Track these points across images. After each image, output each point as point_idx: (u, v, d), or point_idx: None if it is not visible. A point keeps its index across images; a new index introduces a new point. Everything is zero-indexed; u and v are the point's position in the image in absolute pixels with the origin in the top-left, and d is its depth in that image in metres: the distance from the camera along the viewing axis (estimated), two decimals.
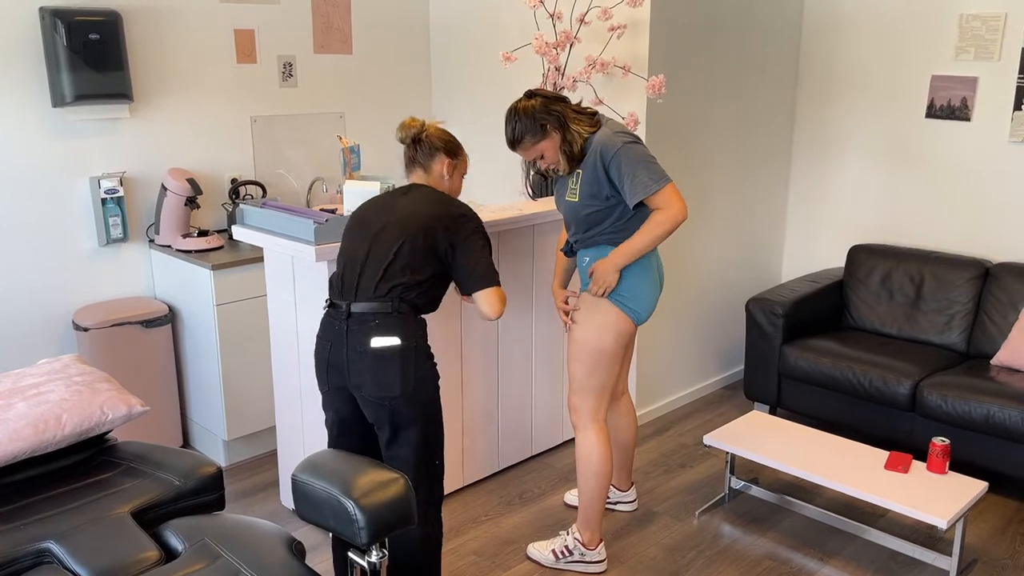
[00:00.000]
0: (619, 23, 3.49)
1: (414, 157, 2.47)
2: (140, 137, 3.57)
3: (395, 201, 2.41)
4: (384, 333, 2.27)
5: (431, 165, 2.46)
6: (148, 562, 1.80)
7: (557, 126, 2.59)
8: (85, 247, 3.50)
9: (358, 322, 2.29)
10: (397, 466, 2.35)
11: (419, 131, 2.45)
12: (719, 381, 4.45)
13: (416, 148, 2.46)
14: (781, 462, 3.00)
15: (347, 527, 1.73)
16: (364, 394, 2.30)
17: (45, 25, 3.20)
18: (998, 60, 3.74)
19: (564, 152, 2.60)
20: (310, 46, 4.06)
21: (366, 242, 2.36)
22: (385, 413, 2.30)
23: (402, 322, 2.29)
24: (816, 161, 4.43)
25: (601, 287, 2.63)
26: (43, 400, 2.10)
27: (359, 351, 2.28)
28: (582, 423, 2.79)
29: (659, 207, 2.54)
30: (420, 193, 2.41)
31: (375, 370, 2.27)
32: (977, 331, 3.73)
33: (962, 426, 3.29)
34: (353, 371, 2.30)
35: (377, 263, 2.31)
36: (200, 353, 3.51)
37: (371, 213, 2.42)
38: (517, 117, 2.59)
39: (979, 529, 3.15)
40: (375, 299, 2.29)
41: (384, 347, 2.26)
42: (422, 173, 2.47)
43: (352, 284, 2.34)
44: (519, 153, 2.66)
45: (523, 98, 2.63)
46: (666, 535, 3.10)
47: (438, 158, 2.45)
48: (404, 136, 2.46)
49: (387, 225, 2.35)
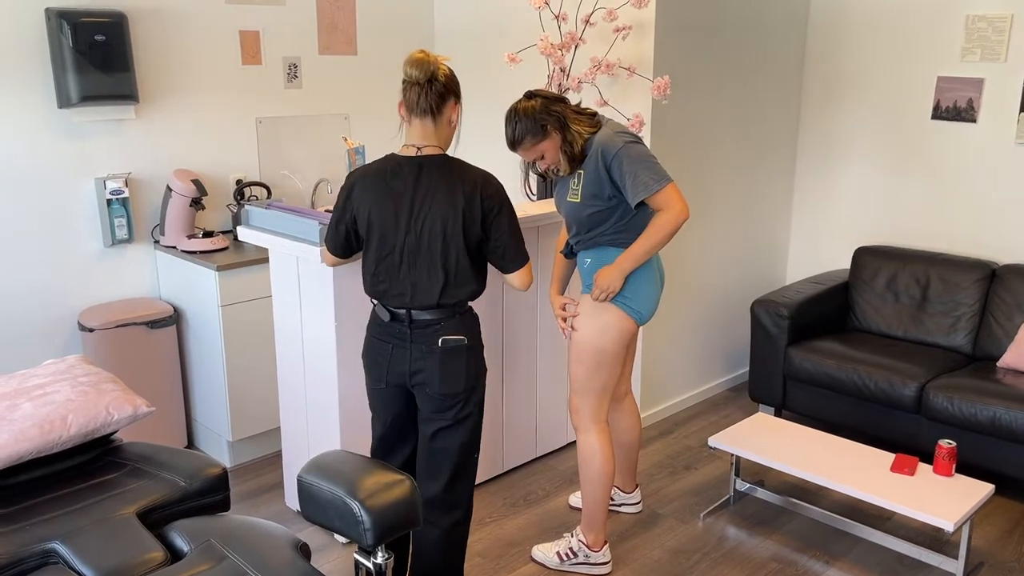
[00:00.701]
0: (624, 24, 3.49)
1: (427, 99, 2.18)
2: (145, 138, 3.58)
3: (417, 192, 2.21)
4: (451, 332, 2.28)
5: (443, 109, 2.21)
6: (153, 563, 1.80)
7: (557, 127, 2.58)
8: (90, 248, 3.50)
9: (421, 327, 2.28)
10: (438, 459, 2.37)
11: (435, 69, 2.17)
12: (724, 383, 4.44)
13: (431, 88, 2.17)
14: (786, 464, 2.99)
15: (353, 528, 1.73)
16: (429, 391, 2.31)
17: (51, 26, 3.21)
18: (1004, 61, 3.73)
19: (565, 152, 2.60)
20: (315, 47, 4.06)
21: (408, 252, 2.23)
22: (446, 408, 2.32)
23: (464, 321, 2.31)
24: (821, 162, 4.42)
25: (604, 292, 2.63)
26: (49, 401, 2.11)
27: (426, 351, 2.28)
28: (584, 424, 2.78)
29: (660, 207, 2.53)
30: (437, 174, 2.20)
31: (442, 367, 2.28)
32: (983, 333, 3.72)
33: (968, 428, 3.28)
34: (417, 369, 2.30)
35: (436, 278, 2.23)
36: (205, 354, 3.52)
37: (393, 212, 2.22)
38: (517, 118, 2.58)
39: (986, 532, 3.14)
40: (437, 308, 2.27)
41: (452, 346, 2.28)
42: (431, 121, 2.22)
43: (409, 297, 2.25)
44: (519, 154, 2.65)
45: (523, 99, 2.63)
46: (671, 537, 3.09)
47: (450, 101, 2.22)
48: (420, 75, 2.16)
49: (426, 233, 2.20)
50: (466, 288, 2.28)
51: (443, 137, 2.29)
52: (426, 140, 2.25)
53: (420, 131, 2.25)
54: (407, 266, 2.24)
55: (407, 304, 2.27)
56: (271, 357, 3.52)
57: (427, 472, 2.39)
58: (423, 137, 2.25)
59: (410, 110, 2.23)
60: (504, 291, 3.28)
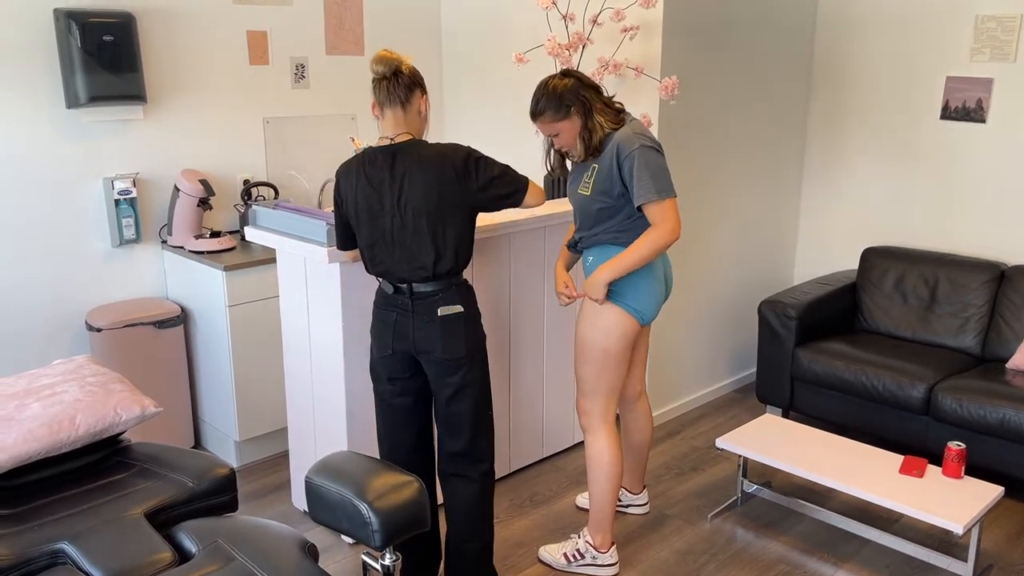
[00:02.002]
0: (632, 24, 3.48)
1: (395, 91, 2.36)
2: (153, 138, 3.58)
3: (394, 177, 2.36)
4: (448, 303, 2.43)
5: (411, 99, 2.39)
6: (162, 564, 1.80)
7: (581, 111, 2.59)
8: (98, 248, 3.51)
9: (422, 297, 2.44)
10: (456, 421, 2.53)
11: (399, 64, 2.37)
12: (731, 384, 4.43)
13: (398, 81, 2.37)
14: (794, 465, 2.98)
15: (361, 530, 1.73)
16: (434, 357, 2.47)
17: (59, 27, 3.22)
18: (1014, 61, 3.71)
19: (583, 139, 2.62)
20: (322, 47, 4.06)
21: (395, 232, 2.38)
22: (450, 372, 2.48)
23: (460, 291, 2.47)
24: (829, 162, 4.41)
25: (591, 295, 2.66)
26: (57, 401, 2.11)
27: (427, 320, 2.43)
28: (592, 425, 2.78)
29: (654, 220, 2.54)
30: (410, 157, 2.36)
31: (443, 335, 2.44)
32: (992, 334, 3.70)
33: (977, 430, 3.27)
34: (420, 338, 2.46)
35: (427, 253, 2.38)
36: (212, 354, 3.52)
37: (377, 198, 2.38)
38: (545, 91, 2.61)
39: (995, 534, 3.12)
40: (434, 280, 2.42)
41: (451, 314, 2.44)
42: (400, 111, 2.38)
43: (407, 272, 2.42)
44: (537, 126, 2.67)
45: (558, 75, 2.64)
46: (678, 539, 3.08)
47: (416, 92, 2.40)
48: (386, 70, 2.36)
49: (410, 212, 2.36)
50: (457, 258, 2.42)
51: (414, 126, 2.44)
52: (398, 129, 2.41)
53: (392, 122, 2.41)
54: (399, 246, 2.40)
55: (407, 278, 2.43)
56: (278, 357, 3.53)
57: (449, 432, 2.56)
58: (395, 127, 2.41)
59: (381, 104, 2.41)
60: (511, 294, 3.28)
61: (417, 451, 2.65)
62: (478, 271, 3.14)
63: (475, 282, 3.13)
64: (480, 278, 3.16)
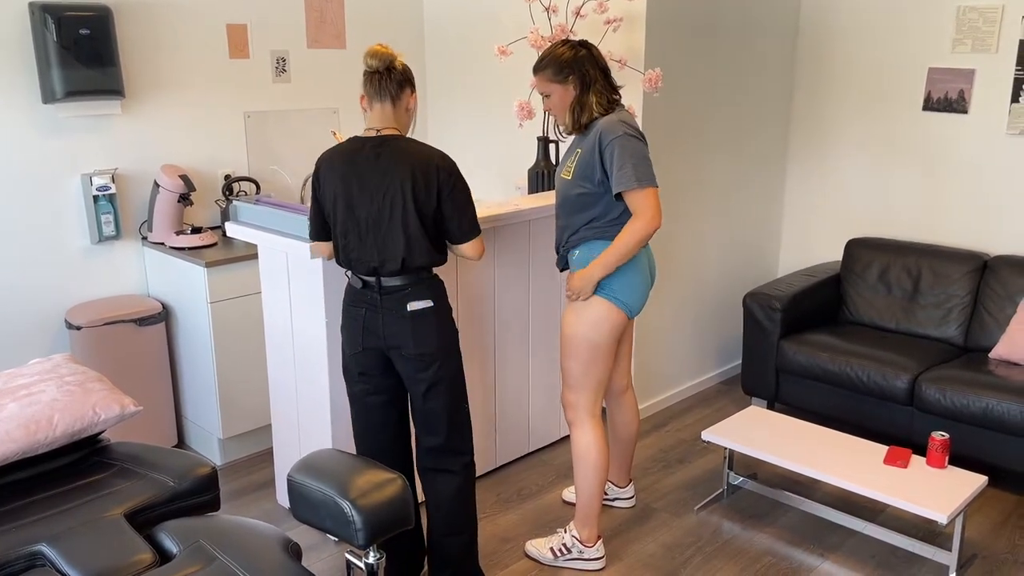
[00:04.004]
0: (615, 16, 3.46)
1: (386, 87, 2.38)
2: (132, 133, 3.54)
3: (376, 165, 2.36)
4: (418, 298, 2.42)
5: (401, 96, 2.41)
6: (142, 565, 1.78)
7: (579, 83, 2.61)
8: (77, 245, 3.47)
9: (391, 291, 2.42)
10: (432, 417, 2.52)
11: (392, 60, 2.39)
12: (717, 376, 4.44)
13: (389, 76, 2.38)
14: (780, 457, 2.98)
15: (344, 528, 1.71)
16: (404, 353, 2.45)
17: (35, 20, 3.17)
18: (995, 52, 3.72)
19: (572, 111, 2.63)
20: (303, 41, 4.02)
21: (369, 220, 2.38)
22: (423, 368, 2.46)
23: (430, 286, 2.46)
24: (813, 154, 4.41)
25: (576, 294, 2.66)
26: (34, 401, 2.08)
27: (397, 315, 2.42)
28: (579, 420, 2.77)
29: (634, 209, 2.55)
30: (395, 150, 2.36)
31: (413, 330, 2.43)
32: (975, 324, 3.72)
33: (961, 420, 3.28)
34: (390, 334, 2.44)
35: (398, 244, 2.37)
36: (195, 351, 3.49)
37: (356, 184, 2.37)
38: (555, 51, 2.64)
39: (979, 523, 3.14)
40: (402, 273, 2.41)
41: (420, 309, 2.42)
42: (390, 106, 2.40)
43: (377, 263, 2.40)
44: (535, 79, 2.69)
45: (577, 42, 2.66)
46: (665, 531, 3.08)
47: (406, 89, 2.42)
48: (379, 64, 2.37)
49: (387, 201, 2.35)
50: (427, 255, 2.41)
51: (401, 122, 2.45)
52: (385, 123, 2.42)
53: (380, 115, 2.42)
54: (372, 234, 2.39)
55: (376, 271, 2.41)
56: (261, 354, 3.50)
57: (426, 428, 2.55)
58: (383, 120, 2.42)
59: (371, 97, 2.42)
60: (496, 287, 3.26)
61: (394, 449, 2.63)
62: (462, 264, 3.12)
63: (459, 275, 3.12)
64: (464, 271, 3.14)
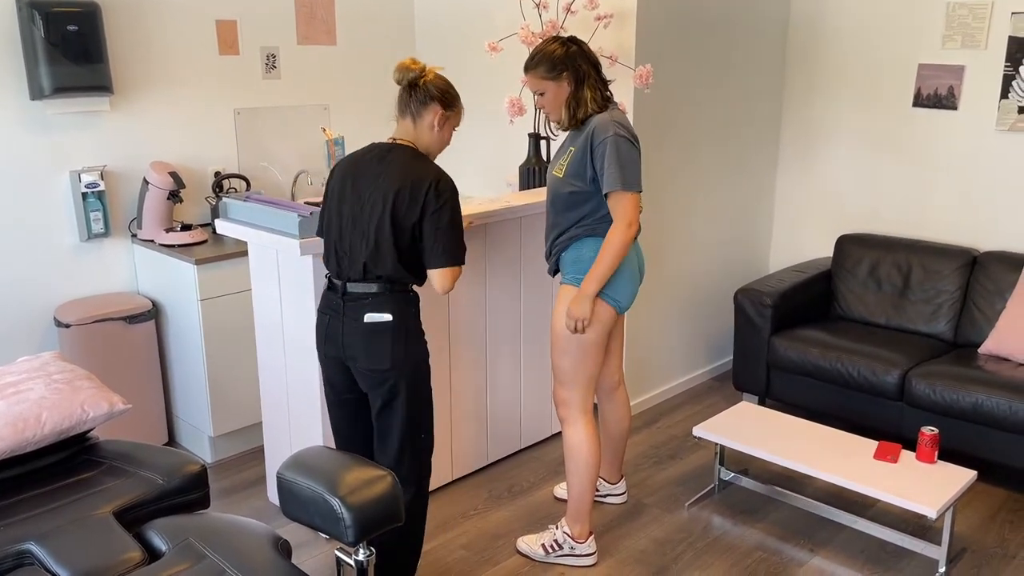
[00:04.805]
0: (606, 12, 3.46)
1: (407, 102, 2.38)
2: (121, 130, 3.52)
3: (375, 169, 2.36)
4: (377, 309, 2.35)
5: (423, 113, 2.38)
6: (131, 563, 1.77)
7: (573, 79, 2.60)
8: (66, 242, 3.45)
9: (353, 299, 2.37)
10: (386, 437, 2.46)
11: (418, 76, 2.37)
12: (708, 372, 4.44)
13: (411, 93, 2.37)
14: (770, 453, 2.99)
15: (333, 525, 1.71)
16: (358, 366, 2.40)
17: (22, 16, 3.15)
18: (985, 48, 3.73)
19: (568, 107, 2.62)
20: (293, 37, 4.01)
21: (351, 218, 2.36)
22: (376, 384, 2.40)
23: (394, 300, 2.37)
24: (804, 150, 4.42)
25: (579, 321, 2.61)
26: (22, 399, 2.07)
27: (354, 325, 2.36)
28: (571, 416, 2.77)
29: (614, 212, 2.57)
30: (398, 158, 2.35)
31: (367, 343, 2.36)
32: (965, 320, 3.74)
33: (950, 415, 3.30)
34: (348, 344, 2.39)
35: (364, 246, 2.34)
36: (185, 349, 3.47)
37: (351, 182, 2.38)
38: (546, 48, 2.62)
39: (968, 518, 3.15)
40: (368, 281, 2.36)
41: (376, 322, 2.35)
42: (410, 122, 2.40)
43: (345, 264, 2.39)
44: (527, 77, 2.67)
45: (566, 39, 2.65)
46: (656, 527, 3.09)
47: (431, 107, 2.38)
48: (401, 78, 2.38)
49: (369, 202, 2.33)
50: (392, 266, 2.32)
51: (423, 139, 2.42)
52: (404, 136, 2.43)
53: (401, 129, 2.43)
54: (348, 230, 2.36)
55: (342, 273, 2.38)
56: (252, 351, 3.49)
57: (379, 443, 2.49)
58: (402, 134, 2.43)
59: (397, 109, 2.44)
60: (487, 284, 3.26)
61: (368, 453, 2.59)
62: None
63: None
64: None
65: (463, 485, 3.35)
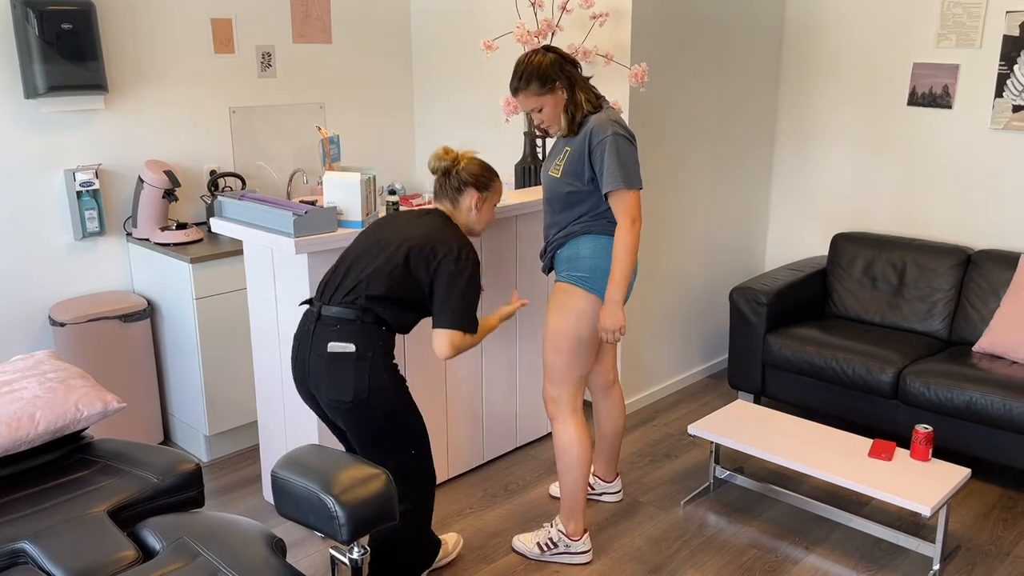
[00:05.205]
0: (601, 11, 3.46)
1: (444, 189, 2.48)
2: (116, 129, 3.51)
3: (408, 220, 2.44)
4: (341, 339, 2.30)
5: (460, 199, 2.48)
6: (125, 562, 1.77)
7: (566, 85, 2.60)
8: (61, 241, 3.44)
9: (323, 325, 2.34)
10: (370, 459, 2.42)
11: (451, 165, 2.46)
12: (703, 370, 4.45)
13: (446, 180, 2.47)
14: (766, 451, 2.99)
15: (327, 524, 1.71)
16: (321, 395, 2.37)
17: (16, 14, 3.14)
18: (979, 47, 3.74)
19: (567, 112, 2.62)
20: (289, 36, 4.00)
21: (360, 250, 2.41)
22: (341, 416, 2.36)
23: (361, 330, 2.31)
24: (799, 149, 4.43)
25: (615, 332, 2.61)
26: (16, 398, 2.07)
27: (318, 354, 2.33)
28: (561, 414, 2.77)
29: (617, 210, 2.57)
30: (433, 219, 2.43)
31: (330, 373, 2.32)
32: (959, 318, 3.74)
33: (945, 413, 3.30)
34: (312, 371, 2.36)
35: (359, 270, 2.36)
36: (180, 348, 3.47)
37: (381, 225, 2.46)
38: (529, 66, 2.60)
39: (962, 516, 3.16)
40: (342, 304, 2.34)
41: (338, 352, 2.30)
42: (449, 205, 2.49)
43: (332, 287, 2.39)
44: (519, 100, 2.65)
45: (540, 50, 2.63)
46: (651, 525, 3.09)
47: (467, 192, 2.47)
48: (435, 168, 2.48)
49: (385, 239, 2.39)
50: (379, 290, 2.31)
51: (461, 221, 2.51)
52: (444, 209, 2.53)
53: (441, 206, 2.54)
54: (356, 257, 2.39)
55: (325, 294, 2.38)
56: (247, 350, 3.49)
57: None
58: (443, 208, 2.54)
59: (434, 192, 2.53)
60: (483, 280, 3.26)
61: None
62: None
63: None
64: None
65: (458, 484, 3.35)
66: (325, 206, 2.73)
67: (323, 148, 3.27)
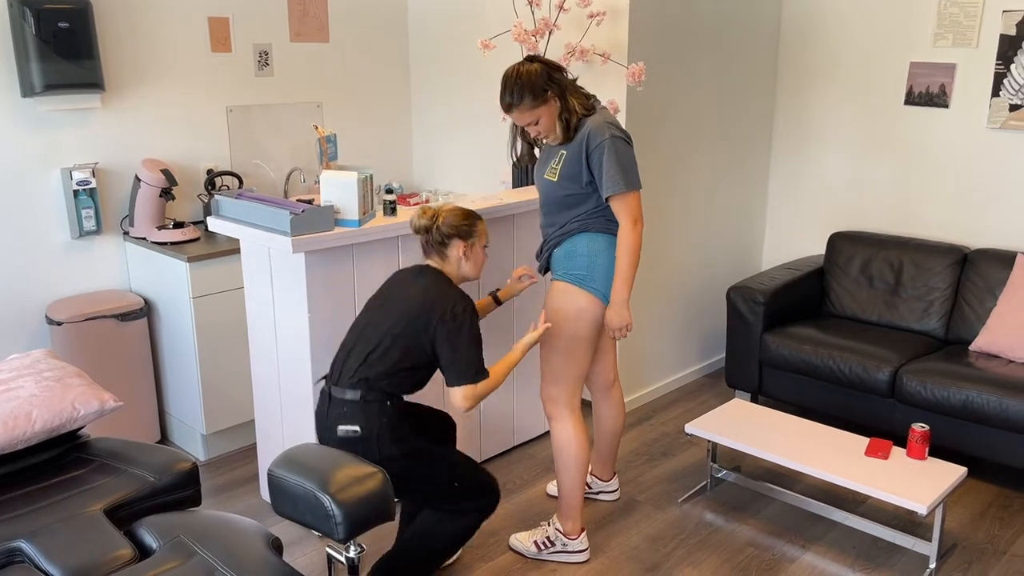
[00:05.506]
0: (598, 10, 3.46)
1: (428, 245, 2.53)
2: (113, 127, 3.51)
3: (403, 285, 2.49)
4: (348, 422, 2.36)
5: (446, 252, 2.52)
6: (121, 560, 1.77)
7: (558, 94, 2.59)
8: (58, 240, 3.44)
9: (333, 408, 2.40)
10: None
11: (430, 222, 2.50)
12: (700, 369, 4.45)
13: (429, 236, 2.52)
14: (762, 450, 3.00)
15: (324, 523, 1.71)
16: None
17: (13, 13, 3.14)
18: (976, 46, 3.74)
19: (563, 120, 2.61)
20: (286, 34, 4.00)
21: (364, 323, 2.46)
22: None
23: (364, 411, 2.36)
24: (796, 148, 4.43)
25: (622, 330, 2.66)
26: (12, 397, 2.06)
27: (331, 436, 2.39)
28: (558, 413, 2.77)
29: (619, 212, 2.58)
30: (426, 279, 2.47)
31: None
32: (956, 317, 3.75)
33: (941, 412, 3.31)
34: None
35: (363, 348, 2.41)
36: (177, 347, 3.47)
37: (385, 293, 2.51)
38: (518, 80, 2.57)
39: (959, 514, 3.17)
40: (348, 387, 2.39)
41: (345, 435, 2.36)
42: (438, 259, 2.53)
43: (339, 366, 2.44)
44: (513, 116, 2.63)
45: (524, 62, 2.62)
46: (648, 524, 3.10)
47: (452, 244, 2.50)
48: (417, 227, 2.52)
49: (385, 311, 2.44)
50: (384, 365, 2.37)
51: (452, 272, 2.54)
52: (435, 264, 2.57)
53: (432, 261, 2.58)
54: (358, 333, 2.44)
55: (333, 374, 2.44)
56: (244, 349, 3.48)
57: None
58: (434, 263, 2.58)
59: (423, 250, 2.57)
60: (480, 279, 3.26)
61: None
62: None
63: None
64: None
65: None
66: (322, 205, 2.73)
67: (320, 147, 3.27)
